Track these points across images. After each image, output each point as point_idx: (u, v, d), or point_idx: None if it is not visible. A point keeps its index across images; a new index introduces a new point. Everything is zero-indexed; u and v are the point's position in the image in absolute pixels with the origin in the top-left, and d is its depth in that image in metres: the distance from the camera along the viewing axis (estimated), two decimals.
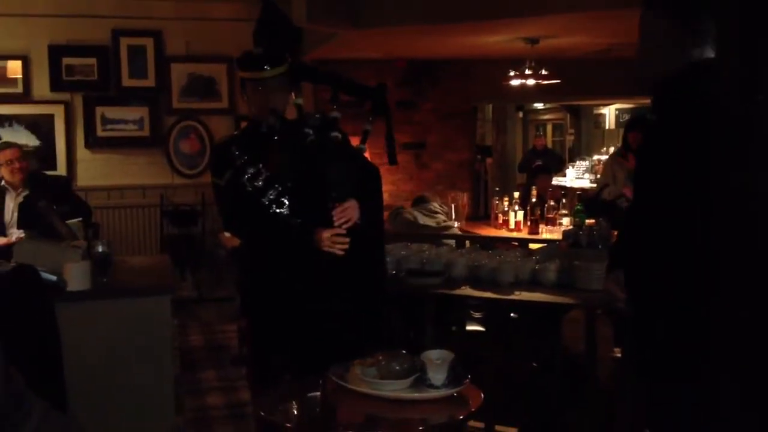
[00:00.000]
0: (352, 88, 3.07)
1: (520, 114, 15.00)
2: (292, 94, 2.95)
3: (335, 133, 2.90)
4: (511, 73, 7.43)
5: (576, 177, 10.82)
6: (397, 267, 3.63)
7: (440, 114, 8.90)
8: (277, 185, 2.78)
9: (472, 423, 3.44)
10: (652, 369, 2.01)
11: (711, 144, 1.60)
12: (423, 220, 5.11)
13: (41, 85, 6.80)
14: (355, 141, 2.97)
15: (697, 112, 1.87)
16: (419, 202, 5.42)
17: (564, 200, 6.24)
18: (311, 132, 2.88)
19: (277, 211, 2.78)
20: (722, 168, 1.67)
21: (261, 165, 2.79)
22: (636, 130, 5.61)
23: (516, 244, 5.21)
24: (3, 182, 4.77)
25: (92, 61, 6.88)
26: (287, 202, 2.79)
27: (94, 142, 6.96)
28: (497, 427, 3.51)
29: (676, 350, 1.95)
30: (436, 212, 5.31)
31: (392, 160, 3.08)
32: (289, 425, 2.17)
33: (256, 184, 2.78)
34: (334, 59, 7.37)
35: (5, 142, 4.92)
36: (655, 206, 2.01)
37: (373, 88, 3.04)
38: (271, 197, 2.78)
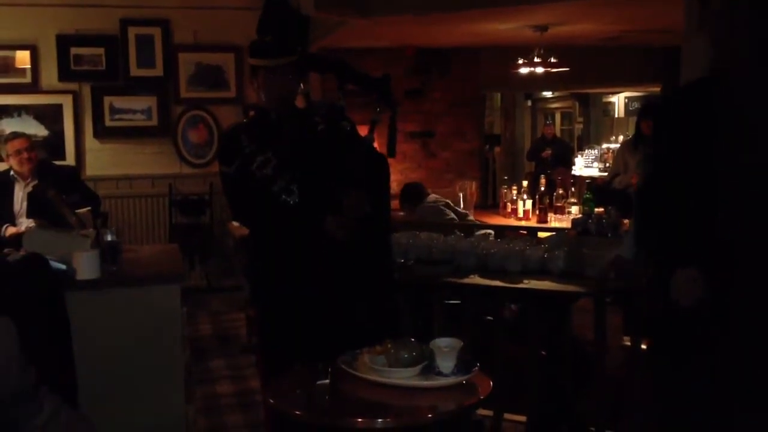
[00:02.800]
0: (358, 78, 3.06)
1: (529, 102, 14.94)
2: (302, 83, 2.95)
3: (344, 123, 2.90)
4: (520, 61, 7.40)
5: (585, 165, 10.79)
6: (405, 255, 3.63)
7: (449, 103, 8.87)
8: (285, 174, 2.78)
9: (480, 411, 3.44)
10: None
11: None
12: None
13: (49, 75, 6.81)
14: (362, 130, 2.97)
15: None
16: (418, 197, 5.32)
17: (573, 189, 6.22)
18: (320, 121, 2.88)
19: (286, 199, 2.78)
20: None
21: (269, 153, 2.78)
22: (649, 117, 5.56)
23: (525, 232, 5.20)
24: (12, 172, 4.79)
25: (100, 50, 6.88)
26: (296, 191, 2.78)
27: (102, 132, 6.97)
28: (506, 415, 3.51)
29: None
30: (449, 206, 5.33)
31: (391, 153, 3.07)
32: (298, 413, 2.18)
33: (264, 172, 2.77)
34: (342, 48, 7.35)
35: (14, 133, 4.94)
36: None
37: (378, 79, 3.03)
38: (280, 185, 2.77)
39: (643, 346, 3.32)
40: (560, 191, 6.09)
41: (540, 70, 7.46)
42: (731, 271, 1.90)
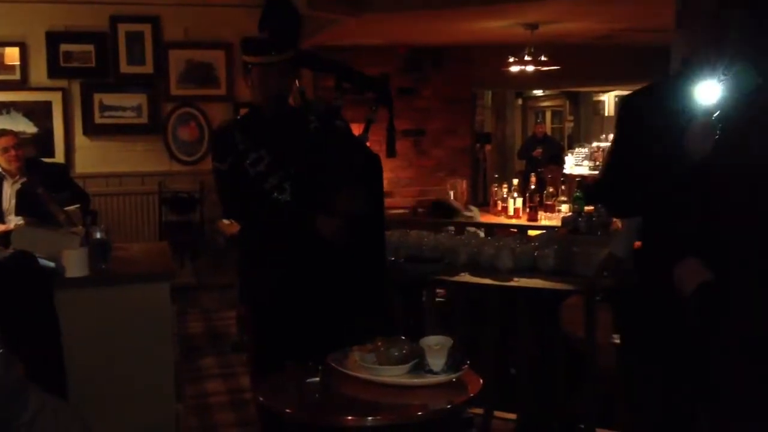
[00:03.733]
0: (356, 77, 3.07)
1: (520, 101, 14.97)
2: (296, 80, 2.95)
3: (338, 121, 2.90)
4: (511, 60, 7.41)
5: (575, 164, 10.82)
6: (396, 254, 3.63)
7: (440, 101, 8.87)
8: (279, 171, 2.78)
9: (471, 409, 3.45)
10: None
11: None
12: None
13: (39, 72, 6.77)
14: (356, 129, 2.97)
15: None
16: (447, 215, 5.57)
17: (563, 187, 6.24)
18: (314, 119, 2.87)
19: (279, 197, 2.78)
20: None
21: (263, 150, 2.78)
22: None
23: (515, 230, 5.21)
24: (0, 170, 4.76)
25: (90, 47, 6.85)
26: (289, 188, 2.78)
27: (92, 129, 6.93)
28: (496, 413, 3.52)
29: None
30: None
31: (391, 153, 3.08)
32: (288, 411, 2.17)
33: (257, 169, 2.77)
34: (334, 46, 7.34)
35: (1, 130, 4.91)
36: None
37: (376, 78, 3.04)
38: (273, 183, 2.77)
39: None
40: (550, 189, 6.10)
41: (531, 68, 7.47)
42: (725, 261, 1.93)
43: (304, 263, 2.77)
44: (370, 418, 2.11)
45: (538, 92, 14.49)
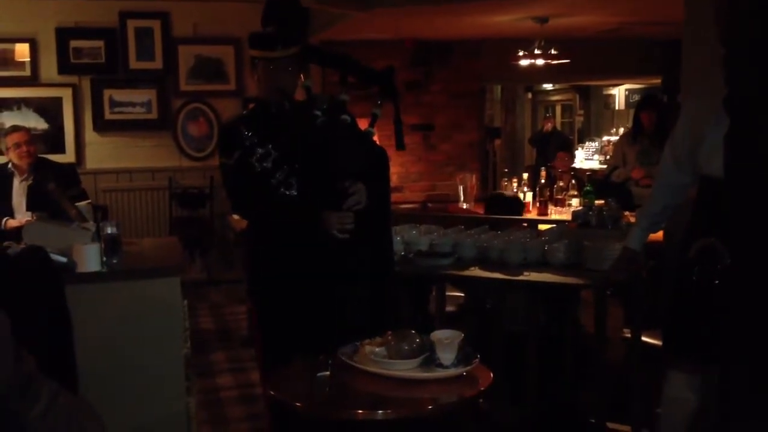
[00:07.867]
0: (360, 71, 3.06)
1: (529, 95, 14.94)
2: (302, 75, 2.95)
3: (344, 116, 2.90)
4: (520, 53, 7.38)
5: (585, 158, 10.79)
6: (406, 248, 3.63)
7: (449, 95, 8.85)
8: (285, 166, 2.78)
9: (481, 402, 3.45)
10: None
11: None
12: None
13: (49, 68, 6.80)
14: (362, 124, 2.96)
15: None
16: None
17: (573, 181, 6.21)
18: (320, 114, 2.87)
19: (286, 192, 2.78)
20: None
21: (270, 145, 2.78)
22: (648, 109, 5.55)
23: (525, 225, 5.20)
24: (10, 165, 4.78)
25: (100, 43, 6.87)
26: (295, 184, 2.78)
27: (102, 125, 6.96)
28: (506, 407, 3.51)
29: None
30: None
31: (400, 145, 3.07)
32: (298, 405, 2.18)
33: (264, 164, 2.77)
34: (342, 40, 7.33)
35: (14, 126, 4.94)
36: None
37: (381, 72, 3.03)
38: (280, 178, 2.77)
39: (647, 339, 3.31)
40: (560, 183, 6.08)
41: (540, 62, 7.45)
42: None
43: (311, 258, 2.77)
44: (380, 411, 2.11)
45: (548, 86, 14.45)
